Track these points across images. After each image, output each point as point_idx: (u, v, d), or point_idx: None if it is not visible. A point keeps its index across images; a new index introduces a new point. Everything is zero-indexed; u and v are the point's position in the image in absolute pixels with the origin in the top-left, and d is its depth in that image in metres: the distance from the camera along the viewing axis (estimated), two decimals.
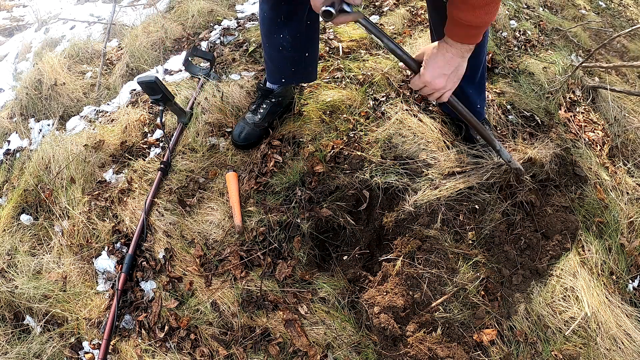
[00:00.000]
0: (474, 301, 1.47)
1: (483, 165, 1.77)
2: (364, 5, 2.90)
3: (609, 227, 1.79)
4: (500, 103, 2.21)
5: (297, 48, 1.69)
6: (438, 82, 1.27)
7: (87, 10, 3.98)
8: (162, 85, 1.83)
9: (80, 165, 1.97)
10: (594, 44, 3.13)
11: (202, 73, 2.32)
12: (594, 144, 2.21)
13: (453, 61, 1.25)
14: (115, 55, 3.05)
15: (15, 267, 1.74)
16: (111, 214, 1.83)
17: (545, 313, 1.49)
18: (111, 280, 1.67)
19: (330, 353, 1.46)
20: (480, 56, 1.77)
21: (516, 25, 2.91)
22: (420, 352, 1.36)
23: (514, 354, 1.41)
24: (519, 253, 1.60)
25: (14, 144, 2.48)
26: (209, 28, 2.96)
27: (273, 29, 1.65)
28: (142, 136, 2.14)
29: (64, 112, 2.62)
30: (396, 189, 1.75)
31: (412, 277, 1.50)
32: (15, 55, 3.67)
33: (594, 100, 2.50)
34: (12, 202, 1.97)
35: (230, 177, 1.84)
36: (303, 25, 1.67)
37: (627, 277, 1.71)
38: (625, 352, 1.46)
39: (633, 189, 2.02)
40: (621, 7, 4.02)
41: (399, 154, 1.86)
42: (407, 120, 1.96)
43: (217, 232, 1.74)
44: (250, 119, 1.96)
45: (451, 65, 1.26)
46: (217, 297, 1.58)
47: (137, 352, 1.49)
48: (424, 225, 1.63)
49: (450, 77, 1.27)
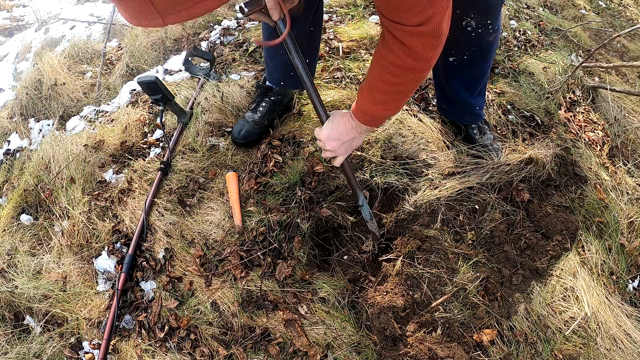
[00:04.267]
0: (474, 301, 1.47)
1: (483, 165, 1.77)
2: (364, 6, 2.90)
3: (609, 227, 1.79)
4: (500, 103, 2.21)
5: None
6: (330, 144, 1.31)
7: (87, 10, 3.97)
8: (162, 85, 1.83)
9: (80, 165, 1.97)
10: (594, 44, 3.13)
11: (202, 73, 2.32)
12: (594, 144, 2.21)
13: (351, 132, 1.29)
14: (115, 55, 3.05)
15: (15, 267, 1.74)
16: (111, 214, 1.83)
17: (545, 313, 1.49)
18: (111, 280, 1.67)
19: (330, 353, 1.46)
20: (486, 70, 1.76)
21: (516, 25, 2.91)
22: (420, 352, 1.36)
23: (514, 354, 1.41)
24: (519, 253, 1.60)
25: (14, 144, 2.48)
26: (209, 28, 2.96)
27: (274, 32, 1.65)
28: (142, 136, 2.14)
29: (64, 112, 2.62)
30: (396, 189, 1.75)
31: (412, 277, 1.50)
32: (15, 55, 3.67)
33: (594, 100, 2.50)
34: (12, 202, 1.97)
35: (230, 177, 1.84)
36: (305, 31, 1.67)
37: (627, 277, 1.71)
38: (625, 352, 1.46)
39: (633, 189, 2.02)
40: (621, 7, 4.02)
41: (399, 154, 1.86)
42: (407, 120, 1.96)
43: (217, 232, 1.74)
44: (250, 117, 1.96)
45: (348, 135, 1.30)
46: (217, 297, 1.58)
47: (137, 352, 1.49)
48: (424, 225, 1.62)
49: (344, 144, 1.32)
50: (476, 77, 1.76)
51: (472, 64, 1.70)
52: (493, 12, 1.54)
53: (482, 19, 1.54)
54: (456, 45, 1.64)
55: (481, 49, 1.64)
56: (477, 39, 1.59)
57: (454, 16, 1.56)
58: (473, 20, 1.54)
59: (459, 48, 1.66)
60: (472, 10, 1.52)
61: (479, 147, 1.87)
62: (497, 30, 1.61)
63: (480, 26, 1.55)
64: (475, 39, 1.59)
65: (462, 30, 1.58)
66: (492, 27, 1.57)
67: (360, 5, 2.90)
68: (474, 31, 1.56)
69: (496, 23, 1.57)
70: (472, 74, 1.75)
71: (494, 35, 1.60)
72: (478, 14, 1.52)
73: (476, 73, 1.75)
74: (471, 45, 1.63)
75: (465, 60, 1.68)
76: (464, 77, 1.76)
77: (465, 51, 1.66)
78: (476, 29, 1.56)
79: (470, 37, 1.58)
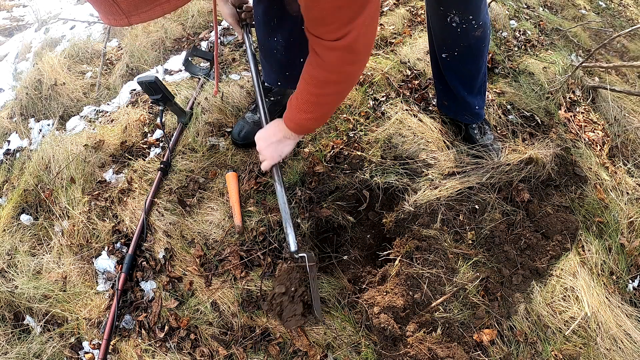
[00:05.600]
0: (474, 301, 1.47)
1: (483, 165, 1.77)
2: None
3: (609, 227, 1.79)
4: (500, 103, 2.21)
5: (291, 52, 1.68)
6: (259, 143, 1.40)
7: (87, 10, 3.97)
8: (162, 85, 1.83)
9: (80, 165, 1.97)
10: (594, 44, 3.13)
11: (202, 73, 2.32)
12: (594, 144, 2.21)
13: (278, 134, 1.37)
14: (115, 55, 3.05)
15: (15, 267, 1.74)
16: (111, 214, 1.83)
17: (545, 313, 1.49)
18: (111, 280, 1.67)
19: (330, 353, 1.46)
20: (480, 66, 1.78)
21: (516, 25, 2.91)
22: (420, 352, 1.36)
23: (514, 354, 1.41)
24: (519, 253, 1.60)
25: (14, 144, 2.48)
26: (209, 28, 2.96)
27: (267, 31, 1.65)
28: (142, 136, 2.14)
29: (64, 112, 2.62)
30: (396, 189, 1.75)
31: (412, 277, 1.50)
32: (15, 55, 3.67)
33: (594, 100, 2.50)
34: (12, 202, 1.97)
35: (230, 177, 1.84)
36: (297, 29, 1.66)
37: (627, 277, 1.71)
38: (625, 352, 1.46)
39: (633, 189, 2.02)
40: (621, 7, 4.02)
41: (399, 154, 1.86)
42: (407, 120, 1.96)
43: (217, 232, 1.74)
44: (250, 118, 1.96)
45: (275, 136, 1.38)
46: (217, 297, 1.58)
47: (137, 352, 1.49)
48: (424, 225, 1.62)
49: (271, 146, 1.39)
50: (471, 73, 1.77)
51: (464, 60, 1.72)
52: (474, 7, 1.56)
53: (464, 14, 1.56)
54: (444, 42, 1.69)
55: (469, 45, 1.66)
56: (463, 34, 1.61)
57: (438, 12, 1.59)
58: (456, 15, 1.57)
59: (447, 44, 1.70)
60: (453, 6, 1.55)
61: (479, 147, 1.87)
62: (483, 26, 1.62)
63: (463, 22, 1.58)
64: (462, 34, 1.61)
65: (448, 27, 1.61)
66: (476, 22, 1.59)
67: None
68: (458, 27, 1.59)
69: (479, 18, 1.59)
70: (466, 70, 1.76)
71: (480, 31, 1.62)
72: (459, 10, 1.55)
73: (470, 69, 1.76)
74: (459, 41, 1.65)
75: (456, 56, 1.71)
76: (458, 73, 1.78)
77: (454, 47, 1.69)
78: (460, 24, 1.58)
79: (456, 33, 1.61)
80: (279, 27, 1.60)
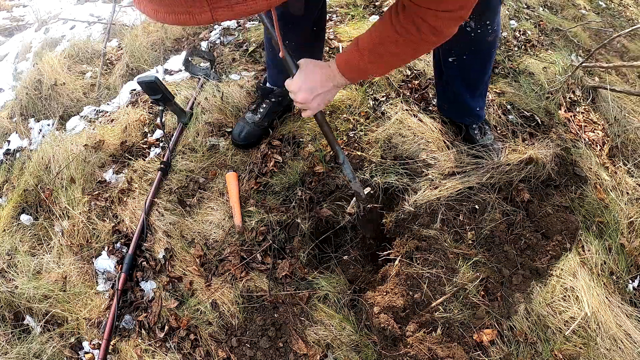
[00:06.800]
0: (474, 301, 1.47)
1: (483, 165, 1.77)
2: (364, 6, 2.90)
3: (609, 227, 1.79)
4: (500, 103, 2.21)
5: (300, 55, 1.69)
6: (302, 95, 1.23)
7: (87, 10, 3.97)
8: (162, 85, 1.83)
9: (80, 165, 1.97)
10: (594, 44, 3.13)
11: (202, 73, 2.32)
12: (594, 144, 2.21)
13: (327, 84, 1.24)
14: (115, 55, 3.05)
15: (15, 267, 1.74)
16: (111, 214, 1.83)
17: (545, 313, 1.49)
18: (111, 280, 1.67)
19: (330, 353, 1.46)
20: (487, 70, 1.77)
21: (516, 25, 2.90)
22: (420, 352, 1.36)
23: (514, 354, 1.41)
24: (519, 253, 1.60)
25: (14, 144, 2.48)
26: (209, 28, 2.95)
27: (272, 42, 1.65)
28: (142, 136, 2.14)
29: (64, 112, 2.62)
30: (396, 189, 1.75)
31: (412, 277, 1.50)
32: (15, 55, 3.67)
33: (594, 100, 2.50)
34: (12, 202, 1.97)
35: (230, 177, 1.84)
36: (307, 32, 1.66)
37: (627, 277, 1.71)
38: (625, 352, 1.46)
39: (633, 189, 2.02)
40: (621, 7, 4.02)
41: (399, 154, 1.86)
42: (407, 120, 1.96)
43: (217, 232, 1.74)
44: (250, 119, 1.96)
45: (324, 87, 1.24)
46: (217, 297, 1.58)
47: (137, 352, 1.49)
48: (424, 225, 1.62)
49: (318, 97, 1.25)
50: (477, 77, 1.76)
51: (472, 64, 1.70)
52: (492, 12, 1.54)
53: (481, 19, 1.54)
54: (456, 46, 1.64)
55: (480, 50, 1.65)
56: (476, 39, 1.59)
57: None
58: (472, 20, 1.54)
59: (458, 48, 1.66)
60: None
61: (479, 147, 1.87)
62: (497, 31, 1.61)
63: (479, 27, 1.55)
64: (475, 39, 1.59)
65: (461, 31, 1.57)
66: (491, 27, 1.57)
67: (360, 5, 2.90)
68: (473, 31, 1.57)
69: (495, 23, 1.58)
70: (472, 74, 1.75)
71: (493, 36, 1.60)
72: (477, 15, 1.53)
73: (476, 73, 1.75)
74: (470, 45, 1.63)
75: (464, 60, 1.68)
76: (464, 77, 1.76)
77: (464, 51, 1.66)
78: (475, 29, 1.56)
79: (469, 37, 1.59)
80: (289, 31, 1.60)
